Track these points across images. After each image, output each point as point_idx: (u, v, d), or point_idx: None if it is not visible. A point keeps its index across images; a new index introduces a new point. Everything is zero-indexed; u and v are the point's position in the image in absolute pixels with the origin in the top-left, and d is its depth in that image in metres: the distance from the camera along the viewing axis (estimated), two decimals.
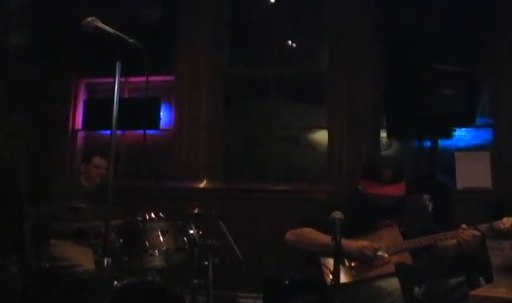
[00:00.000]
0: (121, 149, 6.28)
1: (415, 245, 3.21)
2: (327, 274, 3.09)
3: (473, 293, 2.81)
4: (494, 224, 3.14)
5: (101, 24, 2.42)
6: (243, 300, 5.40)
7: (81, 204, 4.00)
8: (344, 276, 3.11)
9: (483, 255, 3.38)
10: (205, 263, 4.30)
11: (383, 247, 3.19)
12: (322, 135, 5.95)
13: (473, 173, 5.16)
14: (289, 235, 3.38)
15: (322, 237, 3.09)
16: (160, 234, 3.92)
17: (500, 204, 4.84)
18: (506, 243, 2.95)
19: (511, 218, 3.11)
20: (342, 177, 5.52)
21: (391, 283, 3.04)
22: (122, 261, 3.82)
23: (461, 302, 3.02)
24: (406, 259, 3.19)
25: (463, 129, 5.34)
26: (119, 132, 6.16)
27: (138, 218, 3.96)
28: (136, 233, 3.89)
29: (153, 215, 4.01)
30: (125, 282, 3.65)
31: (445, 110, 4.51)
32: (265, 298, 4.75)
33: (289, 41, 6.45)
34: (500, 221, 3.14)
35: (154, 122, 6.14)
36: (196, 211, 4.37)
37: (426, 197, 4.32)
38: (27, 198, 5.49)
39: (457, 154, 5.29)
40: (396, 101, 4.81)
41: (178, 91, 6.16)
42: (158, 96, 6.24)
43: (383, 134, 5.64)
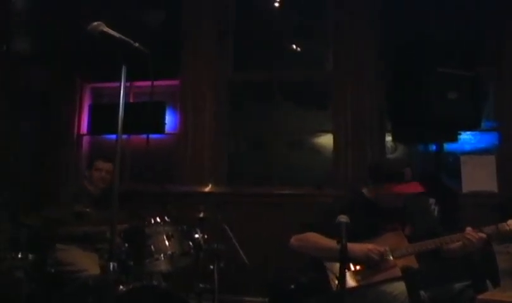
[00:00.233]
0: (126, 153, 6.28)
1: (421, 249, 3.20)
2: (332, 279, 3.08)
3: (480, 297, 2.81)
4: (500, 226, 3.14)
5: (107, 28, 2.43)
6: None
7: (87, 209, 4.01)
8: (349, 280, 3.09)
9: (490, 259, 3.38)
10: (211, 267, 4.29)
11: (388, 250, 3.18)
12: (327, 139, 5.94)
13: (478, 177, 5.14)
14: (294, 240, 3.37)
15: (327, 242, 3.08)
16: (165, 238, 3.93)
17: (506, 208, 4.82)
18: None
19: None
20: (347, 181, 5.52)
21: (397, 287, 3.03)
22: (128, 265, 3.83)
23: None
24: (411, 262, 3.18)
25: (468, 132, 5.34)
26: (124, 136, 6.16)
27: (144, 223, 3.97)
28: (141, 238, 3.89)
29: (158, 219, 4.01)
30: (130, 286, 3.65)
31: (451, 113, 4.50)
32: (270, 302, 4.74)
33: (293, 46, 6.45)
34: (506, 223, 3.14)
35: (159, 126, 6.13)
36: (201, 215, 4.36)
37: (432, 201, 4.31)
38: (32, 203, 5.49)
39: (463, 158, 5.27)
40: (401, 105, 4.81)
41: (183, 96, 6.17)
42: (163, 100, 6.26)
43: (388, 137, 5.64)
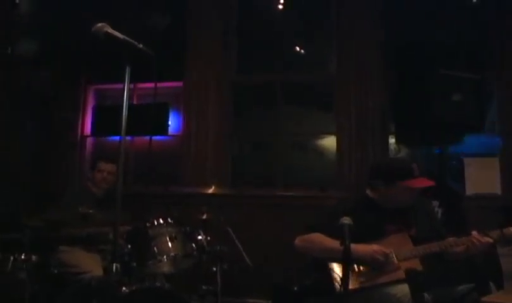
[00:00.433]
0: (129, 155, 6.29)
1: (425, 252, 3.19)
2: (336, 280, 3.08)
3: (484, 299, 2.80)
4: (505, 230, 3.14)
5: (111, 30, 2.43)
6: None
7: (90, 210, 4.01)
8: (353, 282, 3.08)
9: (494, 261, 3.37)
10: (214, 269, 4.30)
11: (393, 252, 3.17)
12: (331, 141, 5.94)
13: (482, 179, 5.15)
14: (298, 241, 3.36)
15: (332, 242, 3.07)
16: (168, 240, 3.92)
17: (509, 210, 4.82)
18: None
19: None
20: (351, 183, 5.52)
21: (401, 289, 3.02)
22: (131, 266, 3.83)
23: None
24: (415, 264, 3.17)
25: (472, 135, 5.32)
26: (128, 138, 6.16)
27: (147, 224, 3.97)
28: (144, 239, 3.90)
29: (161, 221, 4.01)
30: (133, 288, 3.65)
31: (454, 115, 4.49)
32: None
33: (297, 48, 6.45)
34: (510, 227, 3.13)
35: (162, 128, 6.15)
36: (204, 217, 4.37)
37: (436, 203, 4.30)
38: (35, 205, 5.50)
39: (466, 160, 5.27)
40: (405, 107, 4.80)
41: (186, 98, 6.18)
42: (167, 102, 6.26)
43: (391, 140, 5.63)
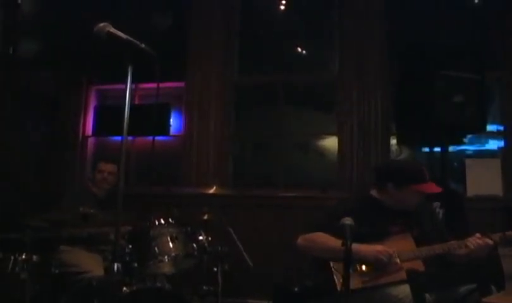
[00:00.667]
0: (131, 155, 6.29)
1: (428, 254, 3.19)
2: (338, 279, 3.07)
3: (485, 300, 2.79)
4: (507, 233, 3.14)
5: (113, 29, 2.43)
6: None
7: (91, 210, 4.00)
8: (355, 282, 3.08)
9: (495, 263, 3.36)
10: (214, 269, 4.29)
11: (395, 253, 3.17)
12: (332, 142, 5.94)
13: (483, 181, 5.14)
14: (301, 240, 3.36)
15: (334, 242, 3.06)
16: (169, 240, 3.92)
17: (511, 211, 4.82)
18: None
19: None
20: (352, 184, 5.53)
21: (402, 290, 3.02)
22: (132, 266, 3.82)
23: None
24: (417, 265, 3.17)
25: (474, 136, 5.33)
26: (130, 138, 6.17)
27: (147, 224, 3.97)
28: (145, 239, 3.90)
29: (162, 221, 4.01)
30: (134, 288, 3.66)
31: (456, 117, 4.48)
32: None
33: (299, 49, 6.46)
34: None
35: (164, 128, 6.15)
36: (205, 217, 4.37)
37: (437, 204, 4.30)
38: (37, 205, 5.51)
39: (468, 162, 5.28)
40: (406, 107, 4.79)
41: (188, 98, 6.18)
42: (168, 102, 6.27)
43: (393, 140, 5.63)
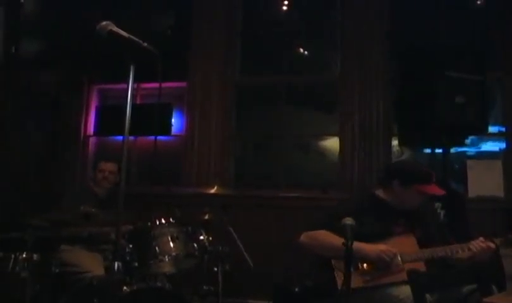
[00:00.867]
0: (132, 155, 6.29)
1: (430, 255, 3.19)
2: (339, 278, 3.07)
3: (486, 300, 2.79)
4: (510, 237, 3.13)
5: (116, 28, 2.42)
6: None
7: (92, 210, 4.00)
8: (356, 281, 3.08)
9: (496, 263, 3.36)
10: (215, 269, 4.29)
11: (398, 254, 3.17)
12: (333, 142, 5.94)
13: (485, 182, 5.14)
14: (304, 237, 3.35)
15: (337, 240, 3.06)
16: (170, 240, 3.91)
17: None
18: None
19: None
20: (353, 184, 5.52)
21: (403, 290, 3.02)
22: (132, 266, 3.82)
23: None
24: (419, 266, 3.17)
25: (475, 137, 5.33)
26: (131, 138, 6.17)
27: (148, 224, 3.97)
28: (146, 239, 3.89)
29: (163, 221, 4.00)
30: (134, 288, 3.65)
31: (458, 117, 4.48)
32: None
33: (301, 49, 6.46)
34: None
35: (166, 128, 6.15)
36: (206, 217, 4.36)
37: (438, 205, 4.29)
38: (38, 204, 5.51)
39: (469, 163, 5.28)
40: (408, 108, 4.79)
41: (190, 98, 6.18)
42: (170, 102, 6.27)
43: (394, 141, 5.63)
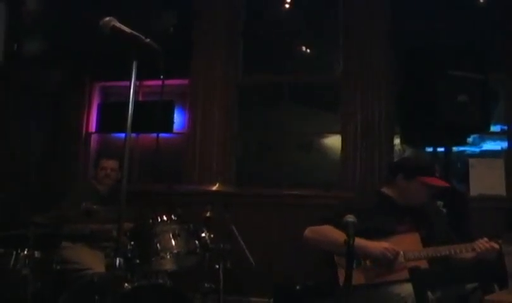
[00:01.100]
0: (134, 152, 6.29)
1: (434, 254, 3.19)
2: (342, 275, 3.07)
3: (488, 298, 2.79)
4: None
5: (118, 24, 2.42)
6: None
7: (94, 206, 4.00)
8: (358, 277, 3.09)
9: (499, 263, 3.36)
10: (216, 267, 4.29)
11: (401, 252, 3.17)
12: (335, 141, 5.93)
13: (487, 180, 5.14)
14: (308, 231, 3.35)
15: (341, 235, 3.05)
16: (171, 237, 3.91)
17: None
18: None
19: None
20: (355, 183, 5.52)
21: (405, 288, 3.03)
22: (134, 263, 3.82)
23: None
24: (421, 263, 3.17)
25: (477, 136, 5.32)
26: (133, 135, 6.17)
27: (150, 221, 3.97)
28: (147, 236, 3.90)
29: (164, 218, 4.01)
30: (136, 285, 3.66)
31: (460, 116, 4.48)
32: None
33: (303, 48, 6.45)
34: None
35: (168, 125, 6.16)
36: (208, 214, 4.36)
37: (440, 204, 4.29)
38: (40, 201, 5.52)
39: (471, 161, 5.28)
40: (410, 107, 4.79)
41: (192, 96, 6.18)
42: (172, 99, 6.27)
43: (396, 140, 5.62)
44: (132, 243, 3.87)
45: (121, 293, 3.49)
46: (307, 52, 6.51)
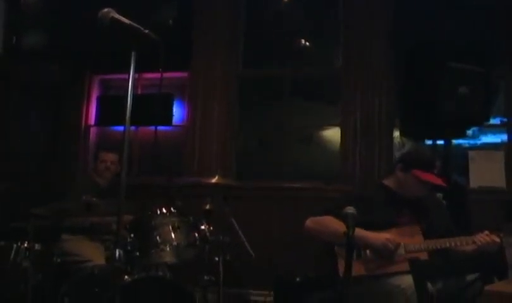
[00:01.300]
0: (133, 145, 6.29)
1: (434, 246, 3.19)
2: (342, 265, 3.07)
3: (488, 288, 2.80)
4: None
5: (117, 15, 2.42)
6: (253, 297, 5.41)
7: (94, 199, 4.00)
8: (358, 268, 3.10)
9: (500, 255, 3.36)
10: (216, 259, 4.29)
11: (402, 244, 3.17)
12: (336, 134, 5.93)
13: (487, 173, 5.14)
14: (309, 222, 3.37)
15: (342, 226, 3.05)
16: (171, 229, 3.92)
17: None
18: None
19: None
20: (355, 176, 5.52)
21: (405, 280, 3.03)
22: (133, 256, 3.83)
23: (475, 298, 3.00)
24: (421, 255, 3.17)
25: (477, 128, 5.32)
26: (132, 128, 6.17)
27: (149, 214, 3.98)
28: (147, 229, 3.90)
29: (164, 211, 4.01)
30: (136, 277, 3.66)
31: (460, 109, 4.47)
32: (275, 296, 4.74)
33: (304, 42, 6.44)
34: None
35: (167, 118, 6.15)
36: (207, 207, 4.35)
37: (439, 196, 4.29)
38: (40, 194, 5.51)
39: (471, 153, 5.28)
40: (410, 100, 4.78)
41: (192, 88, 6.17)
42: (171, 92, 6.26)
43: (396, 133, 5.62)
44: (132, 235, 3.88)
45: (121, 285, 3.49)
46: (307, 44, 6.49)
